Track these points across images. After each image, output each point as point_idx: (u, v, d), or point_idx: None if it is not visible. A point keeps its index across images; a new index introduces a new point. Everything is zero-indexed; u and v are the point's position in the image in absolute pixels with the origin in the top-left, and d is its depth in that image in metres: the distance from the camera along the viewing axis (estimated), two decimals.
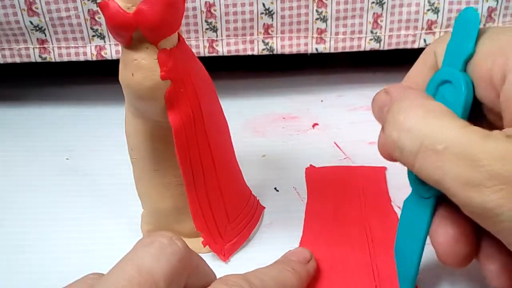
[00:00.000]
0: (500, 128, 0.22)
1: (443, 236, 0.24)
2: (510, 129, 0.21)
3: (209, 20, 0.43)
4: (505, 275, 0.24)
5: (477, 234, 0.24)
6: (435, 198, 0.25)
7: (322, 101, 0.48)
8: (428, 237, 0.26)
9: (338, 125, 0.44)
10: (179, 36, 0.27)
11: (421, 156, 0.22)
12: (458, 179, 0.21)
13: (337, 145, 0.42)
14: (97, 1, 0.42)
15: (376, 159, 0.39)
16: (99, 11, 0.40)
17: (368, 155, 0.40)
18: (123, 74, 0.27)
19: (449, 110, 0.23)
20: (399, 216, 0.34)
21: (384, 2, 0.42)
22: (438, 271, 0.30)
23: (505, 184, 0.20)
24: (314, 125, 0.45)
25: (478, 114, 0.24)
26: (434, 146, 0.21)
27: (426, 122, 0.22)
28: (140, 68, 0.26)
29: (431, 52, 0.26)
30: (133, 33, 0.25)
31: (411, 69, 0.28)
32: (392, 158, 0.25)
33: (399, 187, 0.37)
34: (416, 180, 0.25)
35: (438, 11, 0.43)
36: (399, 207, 0.35)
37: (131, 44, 0.25)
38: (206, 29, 0.43)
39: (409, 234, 0.27)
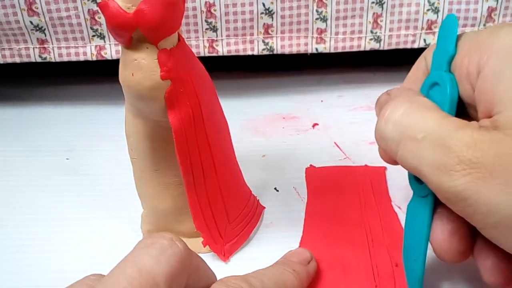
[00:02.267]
0: None
1: (439, 232, 0.25)
2: (484, 120, 0.23)
3: (209, 20, 0.43)
4: (498, 271, 0.24)
5: (472, 230, 0.25)
6: (432, 196, 0.26)
7: (322, 101, 0.48)
8: None
9: (338, 125, 0.44)
10: (179, 36, 0.27)
11: (402, 145, 0.24)
12: (432, 164, 0.22)
13: (337, 145, 0.42)
14: (97, 1, 0.42)
15: (376, 159, 0.39)
16: (99, 11, 0.40)
17: (368, 155, 0.40)
18: (123, 74, 0.27)
19: (433, 104, 0.25)
20: (399, 216, 0.34)
21: (384, 2, 0.42)
22: (443, 272, 0.30)
23: (473, 169, 0.21)
24: (314, 125, 0.45)
25: (466, 111, 0.26)
26: (414, 135, 0.23)
27: (410, 114, 0.24)
28: (140, 68, 0.26)
29: (422, 59, 0.28)
30: (133, 33, 0.25)
31: (407, 77, 0.30)
32: (392, 161, 0.27)
33: (399, 187, 0.37)
34: (414, 179, 0.27)
35: (438, 11, 0.42)
36: (399, 207, 0.35)
37: (131, 44, 0.25)
38: (206, 29, 0.43)
39: (413, 235, 0.27)
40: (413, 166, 0.24)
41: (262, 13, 0.42)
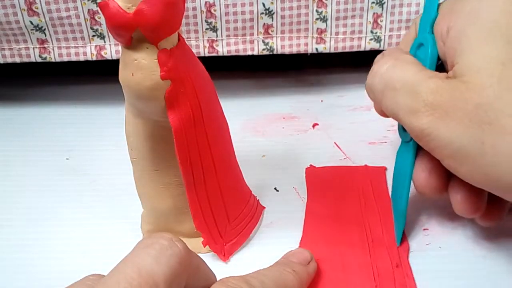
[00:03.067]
0: None
1: (420, 171, 0.30)
2: (451, 71, 0.27)
3: (209, 20, 0.43)
4: (466, 203, 0.29)
5: (447, 171, 0.28)
6: (415, 141, 0.29)
7: (322, 101, 0.48)
8: None
9: (338, 125, 0.44)
10: (179, 36, 0.27)
11: (385, 94, 0.29)
12: (405, 108, 0.27)
13: (337, 145, 0.42)
14: (97, 1, 0.42)
15: (376, 159, 0.39)
16: (99, 11, 0.40)
17: (368, 155, 0.40)
18: (123, 74, 0.27)
19: (415, 60, 0.29)
20: None
21: (384, 2, 0.42)
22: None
23: (434, 110, 0.26)
24: (314, 125, 0.45)
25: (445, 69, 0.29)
26: (394, 85, 0.28)
27: (393, 68, 0.28)
28: (140, 68, 0.26)
29: (413, 24, 0.32)
30: (133, 33, 0.25)
31: (401, 40, 0.34)
32: (382, 112, 0.31)
33: None
34: (401, 128, 0.31)
35: None
36: None
37: (131, 44, 0.25)
38: (206, 29, 0.43)
39: (399, 176, 0.32)
40: (393, 112, 0.28)
41: (262, 13, 0.42)
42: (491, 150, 0.24)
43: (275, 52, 0.44)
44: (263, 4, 0.42)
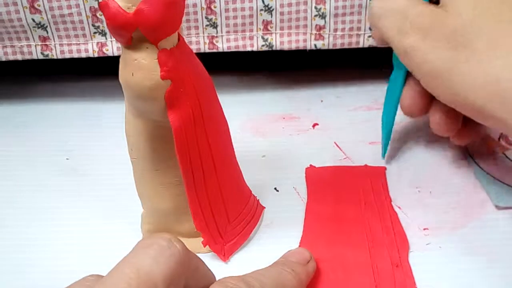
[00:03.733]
0: None
1: (407, 92, 0.35)
2: (441, 3, 0.30)
3: (209, 17, 0.43)
4: (442, 123, 0.34)
5: (429, 94, 0.32)
6: (405, 68, 0.33)
7: (322, 101, 0.48)
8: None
9: (338, 125, 0.44)
10: (179, 36, 0.27)
11: (382, 18, 0.33)
12: (395, 29, 0.31)
13: (337, 145, 0.42)
14: (98, 0, 0.42)
15: (376, 159, 0.39)
16: None
17: (368, 155, 0.40)
18: (123, 74, 0.27)
19: None
20: (399, 216, 0.34)
21: None
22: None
23: (419, 30, 0.30)
24: (314, 125, 0.45)
25: None
26: (389, 10, 0.32)
27: None
28: (140, 68, 0.26)
29: None
30: (133, 33, 0.25)
31: None
32: (379, 40, 0.35)
33: (399, 187, 0.37)
34: (395, 56, 0.35)
35: None
36: (399, 207, 0.35)
37: (131, 44, 0.25)
38: (206, 25, 0.43)
39: (389, 99, 0.37)
40: (385, 34, 0.32)
41: (261, 9, 0.42)
42: (461, 71, 0.28)
43: (274, 48, 0.44)
44: (263, 1, 0.42)
